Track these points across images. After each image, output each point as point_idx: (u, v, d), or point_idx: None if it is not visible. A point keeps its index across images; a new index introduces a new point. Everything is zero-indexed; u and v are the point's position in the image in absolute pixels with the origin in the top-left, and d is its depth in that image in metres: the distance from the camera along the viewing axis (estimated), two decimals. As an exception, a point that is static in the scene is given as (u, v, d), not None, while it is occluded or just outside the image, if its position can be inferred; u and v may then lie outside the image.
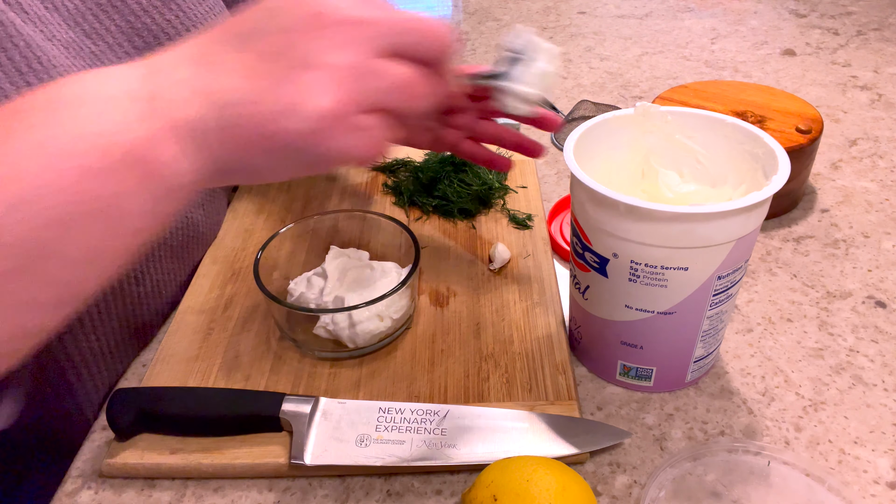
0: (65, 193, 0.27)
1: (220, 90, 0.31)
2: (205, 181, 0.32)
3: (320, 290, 0.58)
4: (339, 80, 0.30)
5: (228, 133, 0.30)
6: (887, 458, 0.48)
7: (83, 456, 0.51)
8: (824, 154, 0.84)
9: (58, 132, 0.28)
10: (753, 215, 0.44)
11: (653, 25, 1.24)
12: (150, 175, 0.30)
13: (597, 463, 0.49)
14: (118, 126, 0.29)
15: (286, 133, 0.30)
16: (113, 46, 0.55)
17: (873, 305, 0.61)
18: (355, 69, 0.31)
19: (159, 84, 0.31)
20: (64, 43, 0.51)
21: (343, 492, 0.48)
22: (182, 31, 0.59)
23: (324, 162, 0.33)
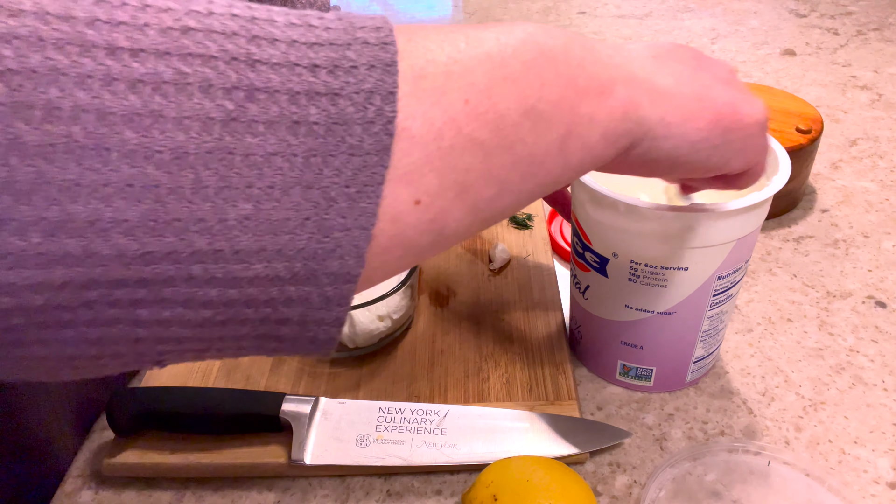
0: (548, 92, 0.27)
1: (679, 74, 0.32)
2: (643, 148, 0.32)
3: None
4: (761, 107, 0.34)
5: (687, 106, 0.32)
6: (887, 458, 0.48)
7: (83, 456, 0.51)
8: (824, 154, 0.84)
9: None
10: (753, 215, 0.44)
11: (653, 25, 1.24)
12: (612, 110, 0.29)
13: (597, 463, 0.49)
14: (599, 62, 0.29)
15: (745, 118, 0.33)
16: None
17: (873, 305, 0.61)
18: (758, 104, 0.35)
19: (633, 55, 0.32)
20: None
21: (343, 492, 0.48)
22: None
23: (752, 154, 0.35)
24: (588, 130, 0.29)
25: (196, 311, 0.22)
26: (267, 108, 0.20)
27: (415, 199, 0.24)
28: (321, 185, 0.21)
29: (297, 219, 0.21)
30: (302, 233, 0.21)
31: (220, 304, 0.22)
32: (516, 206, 0.29)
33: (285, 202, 0.21)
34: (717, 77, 0.34)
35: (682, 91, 0.32)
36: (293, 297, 0.22)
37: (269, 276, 0.22)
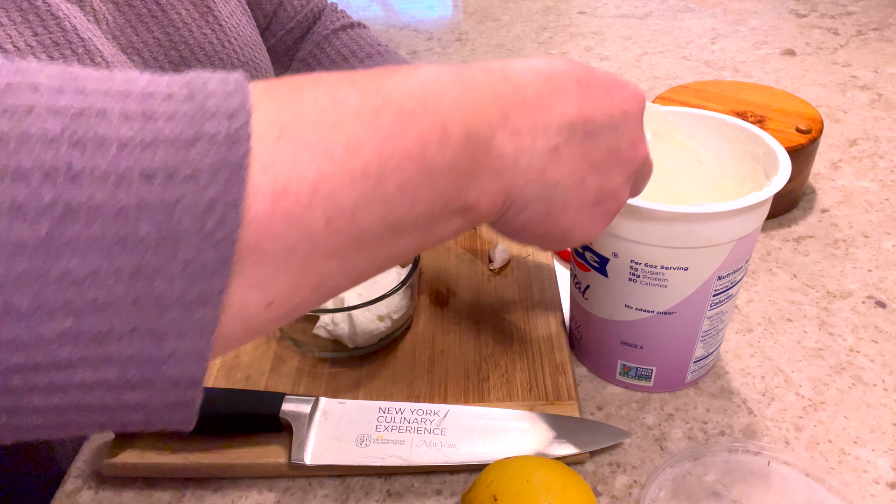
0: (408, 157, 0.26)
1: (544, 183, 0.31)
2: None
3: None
4: (619, 205, 0.36)
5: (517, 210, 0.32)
6: (887, 458, 0.48)
7: (83, 456, 0.51)
8: (824, 154, 0.84)
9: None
10: (754, 215, 0.44)
11: (653, 25, 1.24)
12: (467, 216, 0.29)
13: (597, 463, 0.49)
14: (469, 106, 0.28)
15: (575, 241, 0.35)
16: (148, 61, 0.54)
17: (873, 305, 0.61)
18: (621, 203, 0.36)
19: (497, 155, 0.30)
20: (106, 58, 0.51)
21: (343, 492, 0.48)
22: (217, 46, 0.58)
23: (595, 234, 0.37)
24: (447, 232, 0.29)
25: (27, 417, 0.21)
26: (88, 226, 0.18)
27: (266, 301, 0.23)
28: (152, 297, 0.19)
29: (124, 329, 0.20)
30: (131, 341, 0.20)
31: (48, 409, 0.21)
32: (368, 279, 0.29)
33: (110, 313, 0.19)
34: (609, 183, 0.34)
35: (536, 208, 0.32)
36: (131, 403, 0.21)
37: (100, 382, 0.21)
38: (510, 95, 0.30)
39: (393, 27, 1.30)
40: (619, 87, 0.33)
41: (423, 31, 1.28)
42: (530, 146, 0.30)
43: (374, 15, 1.37)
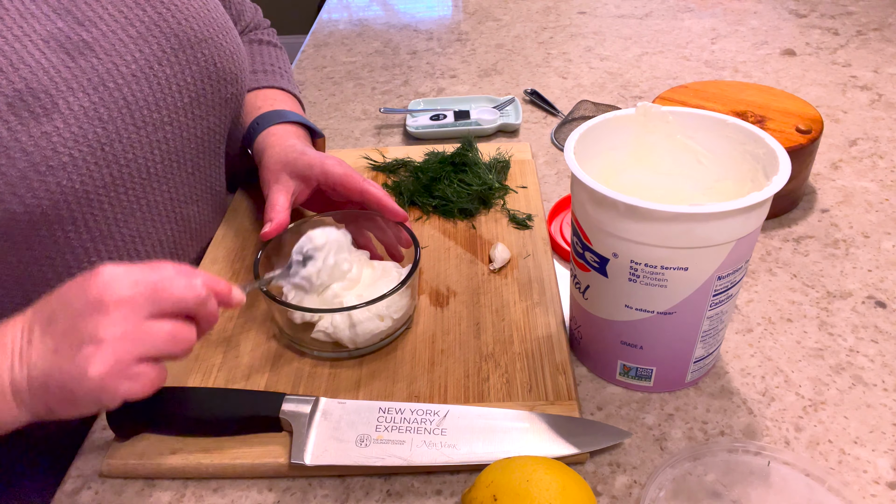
0: None
1: (33, 365, 0.42)
2: (31, 420, 0.43)
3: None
4: (113, 348, 0.41)
5: (40, 394, 0.42)
6: (887, 458, 0.48)
7: (83, 456, 0.51)
8: (824, 154, 0.84)
9: None
10: (753, 215, 0.44)
11: (653, 25, 1.24)
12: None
13: (597, 463, 0.49)
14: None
15: (81, 391, 0.41)
16: (106, 34, 0.55)
17: (873, 305, 0.61)
18: (127, 335, 0.42)
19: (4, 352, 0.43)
20: (44, 37, 0.51)
21: (343, 492, 0.48)
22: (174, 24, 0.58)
23: (114, 402, 0.42)
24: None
25: None
26: None
27: None
28: None
29: None
30: None
31: None
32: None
33: None
34: (66, 349, 0.41)
35: (35, 384, 0.42)
36: None
37: None
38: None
39: (393, 27, 1.30)
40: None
41: (423, 31, 1.28)
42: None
43: (374, 15, 1.37)
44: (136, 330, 0.42)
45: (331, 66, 1.16)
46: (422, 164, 0.78)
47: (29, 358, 0.42)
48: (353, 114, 1.00)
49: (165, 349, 0.43)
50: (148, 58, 0.57)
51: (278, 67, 0.82)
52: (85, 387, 0.41)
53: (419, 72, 1.12)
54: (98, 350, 0.41)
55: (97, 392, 0.41)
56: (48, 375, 0.41)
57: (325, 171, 0.61)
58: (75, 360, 0.41)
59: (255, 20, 0.87)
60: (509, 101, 0.97)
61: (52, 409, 0.42)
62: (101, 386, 0.41)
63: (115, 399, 0.42)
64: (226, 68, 0.63)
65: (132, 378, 0.42)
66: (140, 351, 0.42)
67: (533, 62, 1.13)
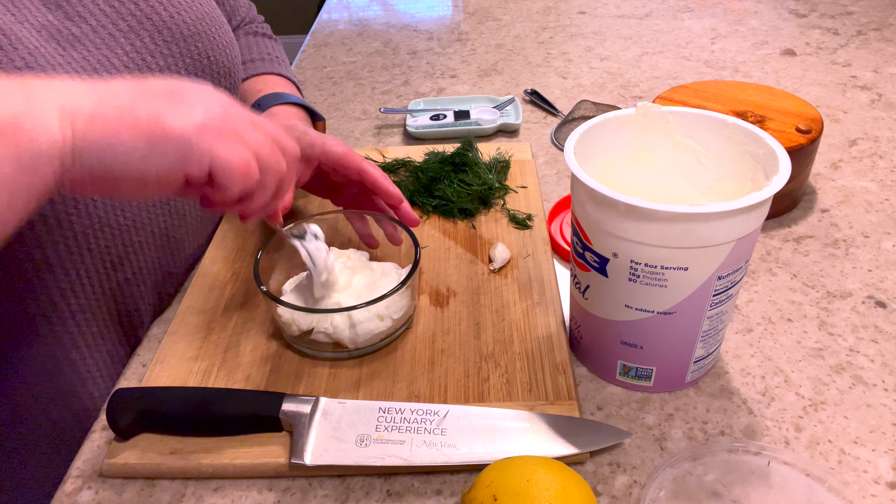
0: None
1: (109, 95, 0.37)
2: (74, 165, 0.36)
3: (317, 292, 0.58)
4: (221, 111, 0.39)
5: (109, 120, 0.36)
6: (887, 458, 0.48)
7: (83, 456, 0.51)
8: (824, 154, 0.84)
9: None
10: (753, 215, 0.44)
11: (653, 25, 1.24)
12: (18, 141, 0.33)
13: (597, 463, 0.49)
14: (4, 99, 0.34)
15: (171, 126, 0.36)
16: (96, 28, 0.55)
17: (873, 305, 0.61)
18: (234, 114, 0.40)
19: (65, 83, 0.37)
20: (37, 26, 0.51)
21: (343, 492, 0.48)
22: (166, 18, 0.59)
23: (195, 157, 0.38)
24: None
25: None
26: None
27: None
28: None
29: None
30: None
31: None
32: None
33: None
34: (164, 95, 0.38)
35: (104, 109, 0.35)
36: None
37: None
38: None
39: (393, 27, 1.30)
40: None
41: (423, 31, 1.28)
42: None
43: (374, 15, 1.37)
44: (243, 119, 0.40)
45: (331, 66, 1.16)
46: (422, 164, 0.78)
47: (104, 89, 0.36)
48: (353, 114, 1.00)
49: (264, 151, 0.41)
50: (139, 50, 0.57)
51: (275, 56, 0.82)
52: (177, 129, 0.36)
53: (419, 72, 1.12)
54: (203, 106, 0.38)
55: (190, 137, 0.37)
56: (129, 107, 0.36)
57: (325, 151, 0.61)
58: (175, 105, 0.37)
59: (250, 15, 0.87)
60: (509, 101, 0.97)
61: (111, 155, 0.36)
62: (198, 132, 0.37)
63: (202, 155, 0.37)
64: (219, 62, 0.63)
65: (231, 146, 0.38)
66: (243, 132, 0.39)
67: (533, 62, 1.13)
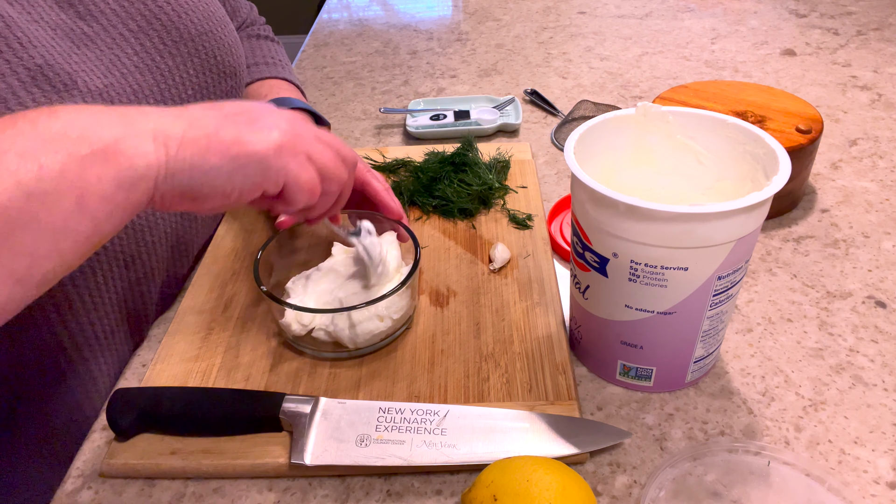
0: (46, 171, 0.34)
1: (196, 121, 0.40)
2: (167, 184, 0.39)
3: (319, 290, 0.58)
4: (293, 132, 0.43)
5: (199, 144, 0.39)
6: (887, 458, 0.48)
7: (83, 456, 0.51)
8: (824, 154, 0.84)
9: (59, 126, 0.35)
10: (753, 215, 0.44)
11: (653, 25, 1.24)
12: (119, 163, 0.36)
13: (597, 463, 0.49)
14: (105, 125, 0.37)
15: (253, 148, 0.40)
16: (107, 28, 0.56)
17: (873, 305, 0.61)
18: (299, 133, 0.43)
19: (155, 111, 0.40)
20: (51, 24, 0.52)
21: (343, 492, 0.48)
22: (174, 18, 0.59)
23: (272, 175, 0.42)
24: (100, 187, 0.35)
25: None
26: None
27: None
28: None
29: None
30: None
31: None
32: (64, 264, 0.36)
33: None
34: (243, 119, 0.41)
35: (193, 134, 0.39)
36: None
37: None
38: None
39: (393, 27, 1.30)
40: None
41: (423, 31, 1.28)
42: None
43: (374, 15, 1.37)
44: (310, 136, 0.44)
45: (331, 66, 1.16)
46: (422, 164, 0.78)
47: (190, 115, 0.40)
48: (353, 114, 1.00)
49: (329, 164, 0.45)
50: (149, 50, 0.58)
51: (278, 60, 0.83)
52: (259, 151, 0.40)
53: (419, 72, 1.12)
54: (279, 128, 0.42)
55: (269, 157, 0.41)
56: (215, 132, 0.40)
57: None
58: (252, 127, 0.41)
59: (251, 17, 0.87)
60: (509, 101, 0.97)
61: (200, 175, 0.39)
62: (276, 153, 0.41)
63: (279, 173, 0.42)
64: (225, 61, 0.64)
65: (302, 164, 0.43)
66: (310, 149, 0.43)
67: (533, 62, 1.13)
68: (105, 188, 0.36)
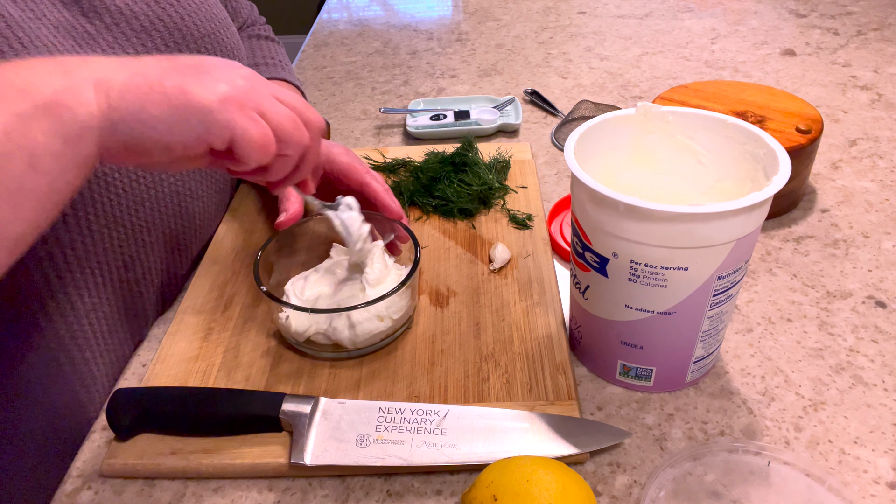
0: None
1: (140, 69, 0.39)
2: (110, 135, 0.38)
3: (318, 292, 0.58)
4: (244, 85, 0.41)
5: (139, 92, 0.38)
6: (887, 458, 0.48)
7: (83, 456, 0.51)
8: (824, 154, 0.84)
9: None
10: (753, 215, 0.44)
11: (653, 25, 1.24)
12: (62, 116, 0.36)
13: (597, 463, 0.49)
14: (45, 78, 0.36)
15: (196, 99, 0.38)
16: (110, 26, 0.56)
17: (873, 305, 0.61)
18: (257, 89, 0.42)
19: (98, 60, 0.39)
20: (54, 23, 0.52)
21: (343, 492, 0.48)
22: (176, 18, 0.60)
23: (217, 128, 0.39)
24: (47, 143, 0.35)
25: None
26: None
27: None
28: None
29: None
30: None
31: None
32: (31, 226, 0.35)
33: None
34: (192, 70, 0.40)
35: (134, 81, 0.38)
36: None
37: None
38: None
39: (393, 27, 1.30)
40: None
41: (423, 31, 1.28)
42: None
43: (374, 15, 1.37)
44: (264, 92, 0.42)
45: (331, 66, 1.16)
46: (422, 164, 0.78)
47: (135, 65, 0.39)
48: (353, 114, 1.00)
49: (286, 124, 0.42)
50: (151, 51, 0.58)
51: (278, 60, 0.83)
52: (201, 100, 0.38)
53: (419, 72, 1.12)
54: (228, 81, 0.40)
55: (213, 109, 0.39)
56: (158, 81, 0.38)
57: (330, 160, 0.62)
58: (201, 79, 0.39)
59: (252, 17, 0.87)
60: (509, 101, 0.97)
61: (140, 125, 0.38)
62: (221, 104, 0.39)
63: (224, 126, 0.40)
64: None
65: (251, 118, 0.40)
66: (264, 106, 0.41)
67: (533, 62, 1.13)
68: (52, 143, 0.35)
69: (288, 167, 0.45)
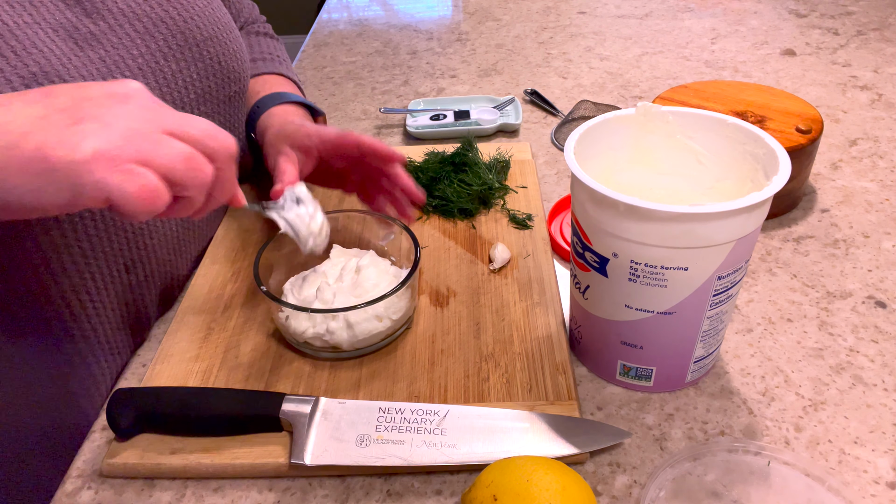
0: None
1: (14, 121, 0.36)
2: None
3: (317, 290, 0.58)
4: (120, 134, 0.36)
5: (3, 154, 0.35)
6: (887, 458, 0.48)
7: (83, 456, 0.51)
8: (824, 154, 0.84)
9: None
10: (753, 215, 0.44)
11: (653, 25, 1.24)
12: None
13: (597, 463, 0.49)
14: None
15: (59, 162, 0.35)
16: (114, 27, 0.56)
17: (873, 305, 0.61)
18: (140, 132, 0.37)
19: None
20: (53, 26, 0.52)
21: (343, 492, 0.48)
22: (180, 22, 0.59)
23: (87, 190, 0.36)
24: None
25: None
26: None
27: None
28: None
29: None
30: None
31: None
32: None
33: None
34: (65, 117, 0.36)
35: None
36: None
37: None
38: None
39: (393, 27, 1.30)
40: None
41: (423, 31, 1.28)
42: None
43: (375, 15, 1.37)
44: (151, 133, 0.37)
45: (331, 66, 1.16)
46: (422, 164, 0.78)
47: (6, 116, 0.36)
48: (353, 114, 1.00)
49: (177, 167, 0.38)
50: (154, 53, 0.57)
51: (276, 56, 0.83)
52: (64, 163, 0.35)
53: (419, 72, 1.12)
54: (101, 129, 0.36)
55: (79, 171, 0.35)
56: (21, 138, 0.35)
57: (321, 138, 0.61)
58: (68, 130, 0.35)
59: (253, 16, 0.87)
60: (509, 101, 0.97)
61: (5, 190, 0.35)
62: (89, 164, 0.35)
63: (95, 188, 0.35)
64: (230, 66, 0.64)
65: (127, 173, 0.36)
66: (148, 153, 0.37)
67: (533, 62, 1.13)
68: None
69: (195, 204, 0.42)
